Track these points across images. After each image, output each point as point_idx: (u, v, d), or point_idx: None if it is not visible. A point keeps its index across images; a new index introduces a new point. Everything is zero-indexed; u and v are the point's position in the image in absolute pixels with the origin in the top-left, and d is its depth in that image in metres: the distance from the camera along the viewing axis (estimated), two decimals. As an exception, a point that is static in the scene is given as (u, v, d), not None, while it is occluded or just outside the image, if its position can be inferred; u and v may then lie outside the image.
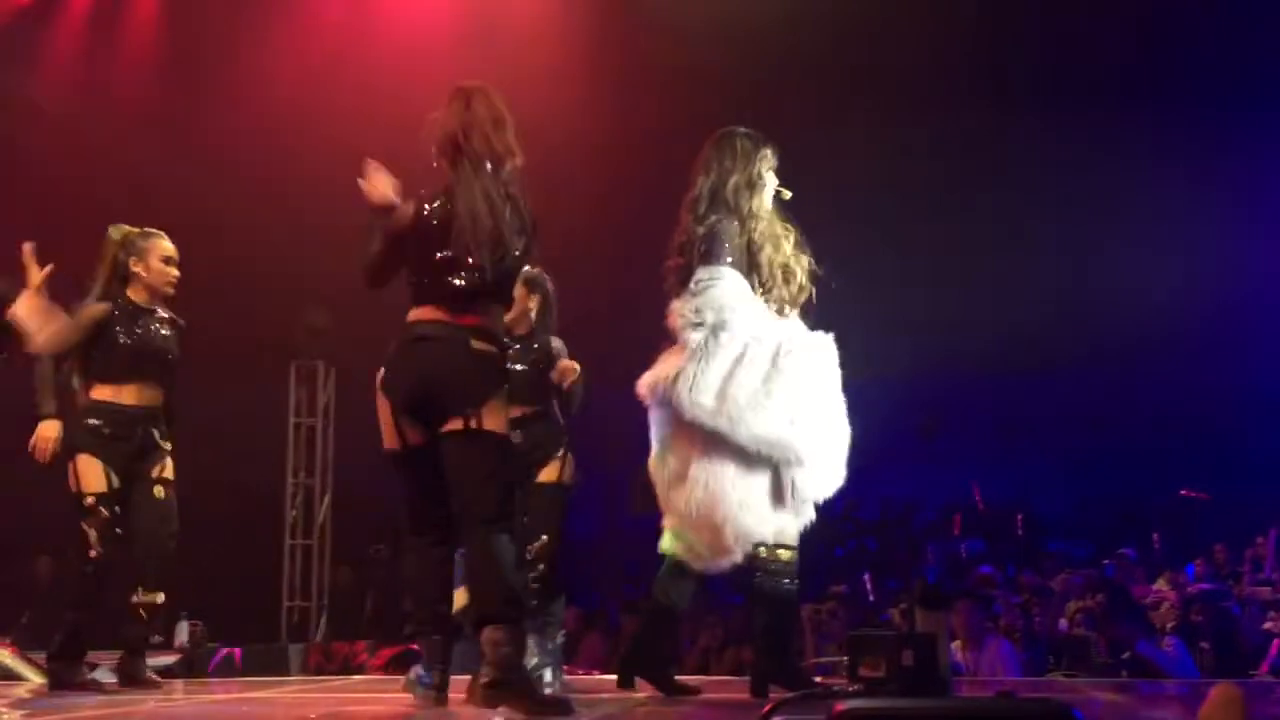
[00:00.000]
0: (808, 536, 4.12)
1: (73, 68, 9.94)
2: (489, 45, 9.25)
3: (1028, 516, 10.55)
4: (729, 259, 3.91)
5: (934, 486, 12.33)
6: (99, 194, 8.40)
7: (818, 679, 5.19)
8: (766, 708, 2.61)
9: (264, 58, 9.46)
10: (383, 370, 3.67)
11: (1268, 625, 6.79)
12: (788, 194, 4.05)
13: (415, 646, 4.04)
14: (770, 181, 4.05)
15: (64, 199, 8.62)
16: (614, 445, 5.35)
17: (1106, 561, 8.72)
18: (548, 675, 4.58)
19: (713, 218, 3.95)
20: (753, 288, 3.96)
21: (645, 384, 3.99)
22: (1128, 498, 10.49)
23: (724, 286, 3.90)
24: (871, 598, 9.18)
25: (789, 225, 4.05)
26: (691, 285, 3.92)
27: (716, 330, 3.86)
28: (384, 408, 3.64)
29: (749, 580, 4.06)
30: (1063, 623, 7.08)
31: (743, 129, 4.08)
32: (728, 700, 4.20)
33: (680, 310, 3.92)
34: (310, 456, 9.79)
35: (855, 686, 2.97)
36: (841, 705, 2.16)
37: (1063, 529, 10.72)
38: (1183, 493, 9.42)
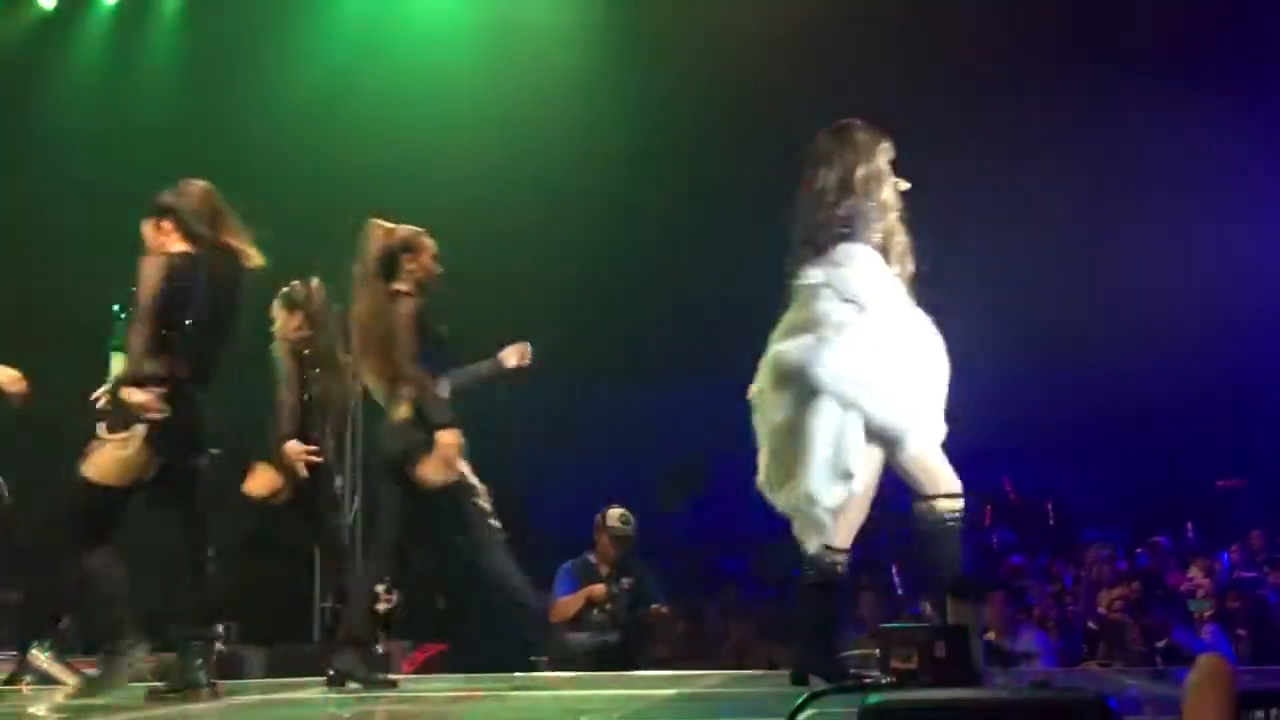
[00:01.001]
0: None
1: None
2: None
3: (1058, 506, 10.49)
4: (872, 241, 3.94)
5: (965, 477, 12.27)
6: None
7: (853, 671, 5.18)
8: (801, 700, 2.60)
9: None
10: None
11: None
12: (905, 185, 4.08)
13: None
14: (889, 173, 4.06)
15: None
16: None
17: (1139, 550, 8.66)
18: None
19: (850, 200, 3.96)
20: None
21: (777, 363, 3.91)
22: (1161, 487, 10.40)
23: (875, 266, 3.92)
24: (900, 590, 9.15)
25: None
26: (837, 257, 3.91)
27: (865, 308, 3.86)
28: None
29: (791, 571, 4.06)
30: (1099, 610, 7.04)
31: (859, 121, 4.10)
32: (767, 693, 4.19)
33: (827, 279, 3.89)
34: (340, 459, 9.77)
35: (888, 679, 2.95)
36: (874, 697, 2.15)
37: (1095, 519, 10.65)
38: (1219, 484, 9.33)
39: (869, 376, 3.78)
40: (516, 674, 5.00)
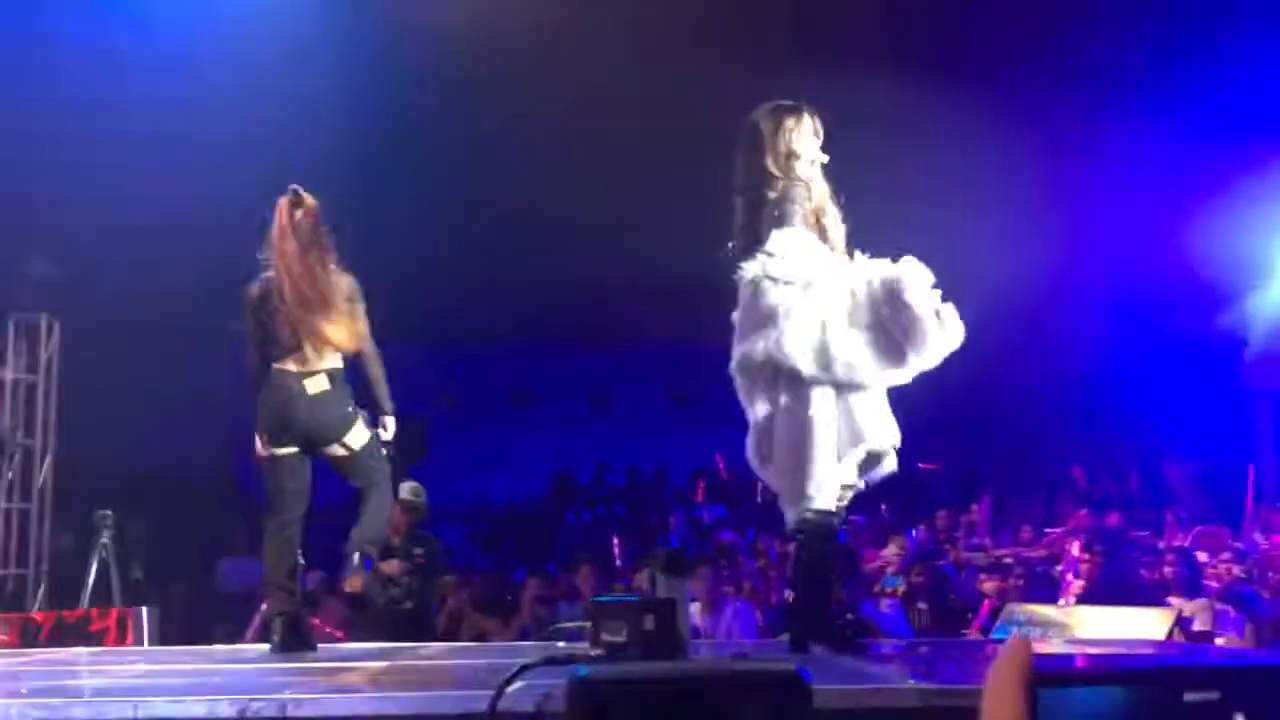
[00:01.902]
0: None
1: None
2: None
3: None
4: (805, 221, 4.01)
5: (681, 454, 12.69)
6: None
7: (561, 645, 5.28)
8: (511, 673, 2.63)
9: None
10: None
11: (984, 587, 7.31)
12: (825, 158, 4.14)
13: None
14: (809, 146, 4.11)
15: None
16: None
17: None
18: None
19: (771, 189, 4.02)
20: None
21: (740, 360, 4.01)
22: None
23: (807, 245, 3.97)
24: (619, 562, 9.38)
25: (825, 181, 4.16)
26: (770, 247, 3.96)
27: (807, 288, 3.91)
28: None
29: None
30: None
31: (771, 104, 4.14)
32: (479, 665, 4.20)
33: (765, 270, 3.94)
34: (30, 415, 9.16)
35: (597, 651, 3.02)
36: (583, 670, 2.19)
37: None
38: (919, 465, 9.98)
39: (835, 348, 3.90)
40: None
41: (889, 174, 4.19)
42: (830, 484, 4.01)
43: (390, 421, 4.84)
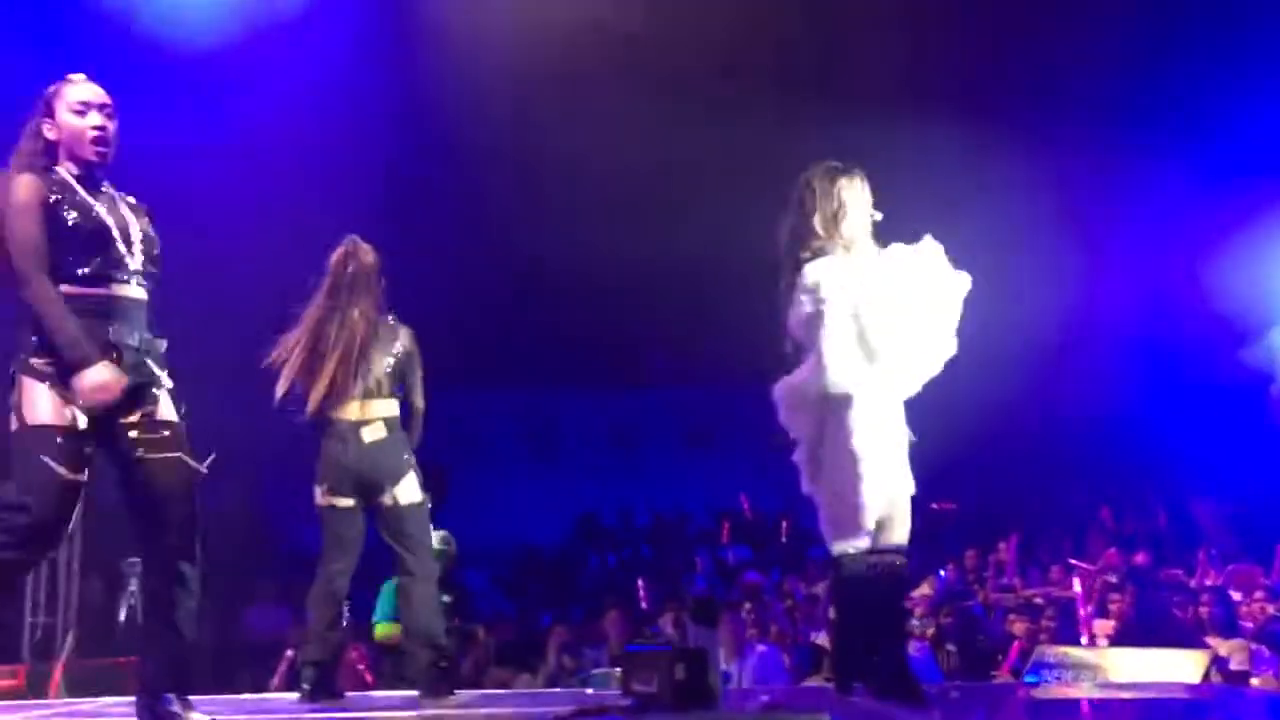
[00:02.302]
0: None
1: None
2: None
3: (793, 524, 10.93)
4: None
5: (705, 495, 12.65)
6: None
7: (589, 691, 5.25)
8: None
9: None
10: None
11: (1014, 628, 7.23)
12: (879, 216, 4.18)
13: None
14: (856, 206, 4.16)
15: None
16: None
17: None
18: None
19: (813, 243, 4.09)
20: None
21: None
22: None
23: (825, 268, 4.05)
24: (645, 605, 9.33)
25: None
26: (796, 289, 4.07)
27: (824, 300, 4.00)
28: None
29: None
30: (823, 632, 7.35)
31: (826, 163, 4.20)
32: (509, 714, 4.18)
33: (793, 316, 4.08)
34: (59, 461, 9.20)
35: (628, 701, 3.01)
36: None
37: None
38: (933, 506, 9.91)
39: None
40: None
41: (910, 216, 4.18)
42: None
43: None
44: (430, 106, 9.72)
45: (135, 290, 3.47)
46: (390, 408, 4.70)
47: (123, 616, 8.88)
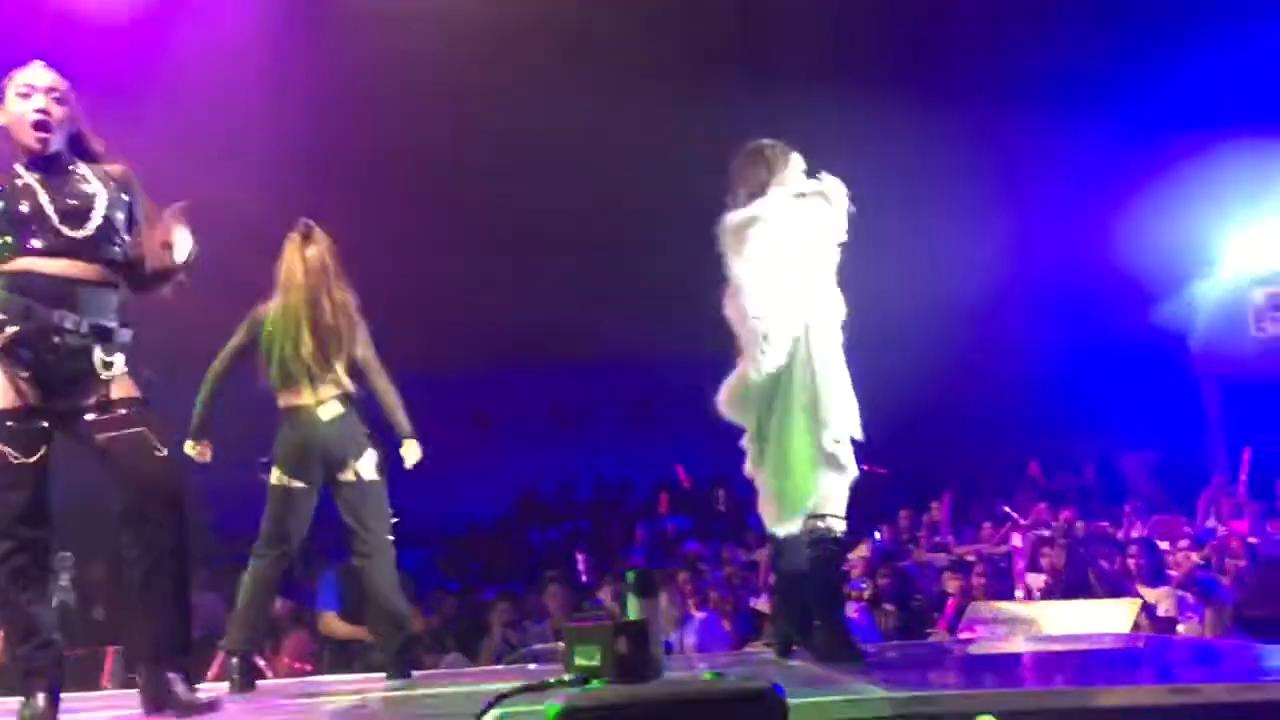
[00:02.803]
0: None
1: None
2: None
3: (729, 493, 11.01)
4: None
5: (644, 467, 12.69)
6: None
7: (531, 666, 5.28)
8: (489, 703, 2.63)
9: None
10: None
11: (949, 586, 7.37)
12: (809, 187, 4.21)
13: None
14: (803, 184, 4.21)
15: None
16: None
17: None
18: None
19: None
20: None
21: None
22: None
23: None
24: (584, 578, 9.36)
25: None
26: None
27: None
28: None
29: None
30: (763, 597, 7.45)
31: (768, 141, 4.25)
32: (457, 693, 4.19)
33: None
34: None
35: (571, 676, 3.02)
36: (561, 699, 2.21)
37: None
38: (864, 468, 10.02)
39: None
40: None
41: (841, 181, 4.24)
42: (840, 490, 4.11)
43: (413, 445, 4.84)
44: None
45: (81, 269, 3.33)
46: (345, 385, 4.65)
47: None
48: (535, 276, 10.99)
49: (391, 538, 4.74)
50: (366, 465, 4.64)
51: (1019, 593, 7.39)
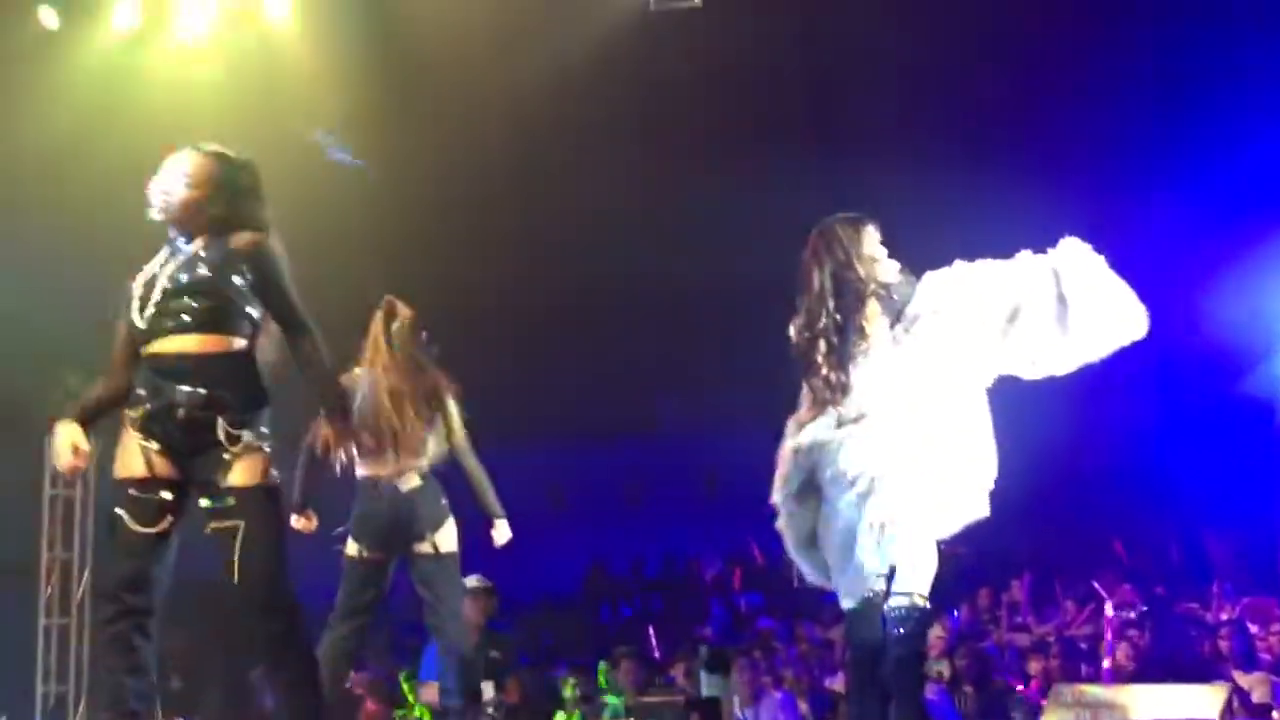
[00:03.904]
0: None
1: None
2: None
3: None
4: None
5: (715, 542, 12.60)
6: None
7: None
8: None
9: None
10: None
11: (1030, 668, 7.18)
12: (898, 265, 4.23)
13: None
14: (883, 255, 4.21)
15: None
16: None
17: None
18: None
19: (848, 299, 4.12)
20: None
21: None
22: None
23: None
24: (656, 654, 9.28)
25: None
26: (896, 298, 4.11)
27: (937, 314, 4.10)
28: None
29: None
30: (839, 675, 7.32)
31: (841, 215, 4.24)
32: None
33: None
34: (68, 529, 9.21)
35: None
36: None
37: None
38: (942, 546, 9.84)
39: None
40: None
41: (908, 257, 4.24)
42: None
43: (504, 525, 4.88)
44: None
45: (199, 343, 3.45)
46: (426, 459, 4.71)
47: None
48: (609, 349, 11.05)
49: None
50: (445, 538, 4.67)
51: (1107, 663, 7.19)
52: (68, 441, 3.47)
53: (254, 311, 3.52)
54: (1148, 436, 10.85)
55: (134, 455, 3.44)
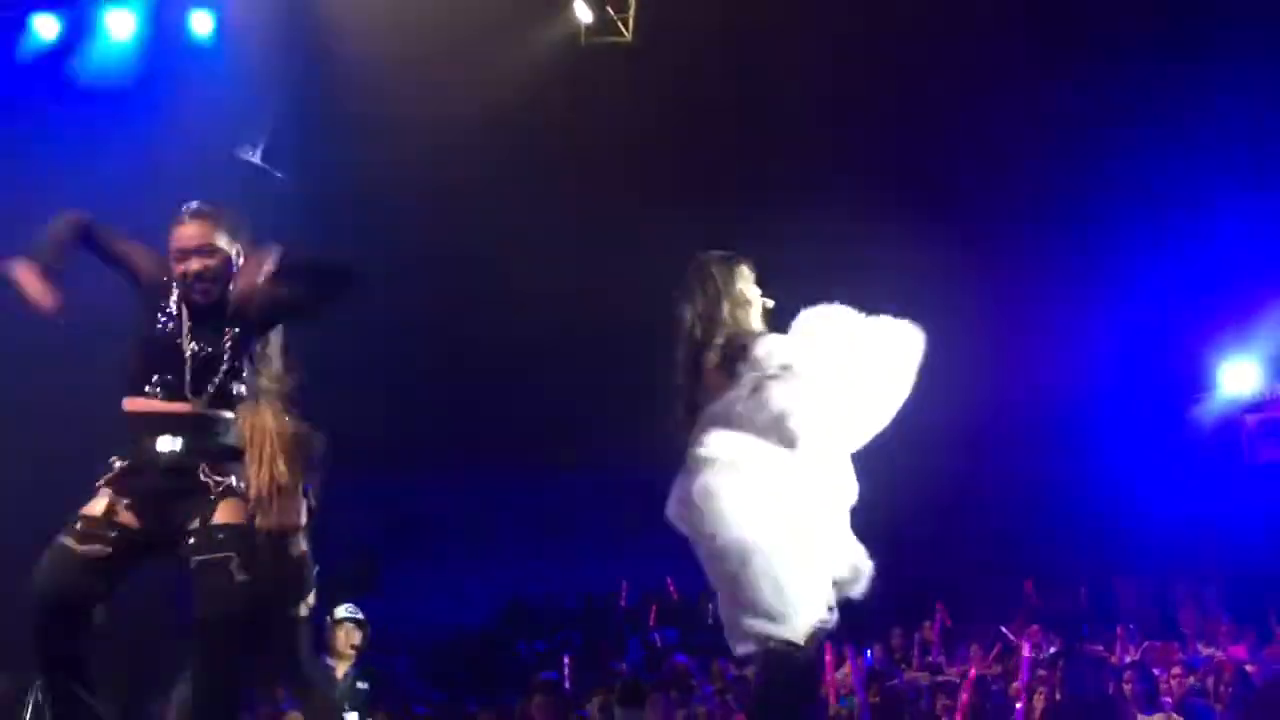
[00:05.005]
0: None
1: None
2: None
3: (718, 605, 10.84)
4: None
5: (632, 578, 12.58)
6: None
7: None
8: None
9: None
10: None
11: (939, 707, 7.25)
12: (771, 303, 4.19)
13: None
14: (755, 295, 4.17)
15: None
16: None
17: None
18: None
19: (719, 338, 4.06)
20: None
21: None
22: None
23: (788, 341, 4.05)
24: (568, 686, 9.21)
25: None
26: (757, 355, 3.99)
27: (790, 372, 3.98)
28: None
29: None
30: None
31: (717, 253, 4.20)
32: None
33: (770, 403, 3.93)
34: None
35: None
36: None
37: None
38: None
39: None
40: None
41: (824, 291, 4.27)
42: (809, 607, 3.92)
43: None
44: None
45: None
46: None
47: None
48: (523, 386, 11.03)
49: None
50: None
51: (1020, 707, 7.27)
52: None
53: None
54: (1062, 480, 11.08)
55: (101, 499, 3.61)
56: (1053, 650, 8.47)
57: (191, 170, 8.60)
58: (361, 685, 6.44)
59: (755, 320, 4.17)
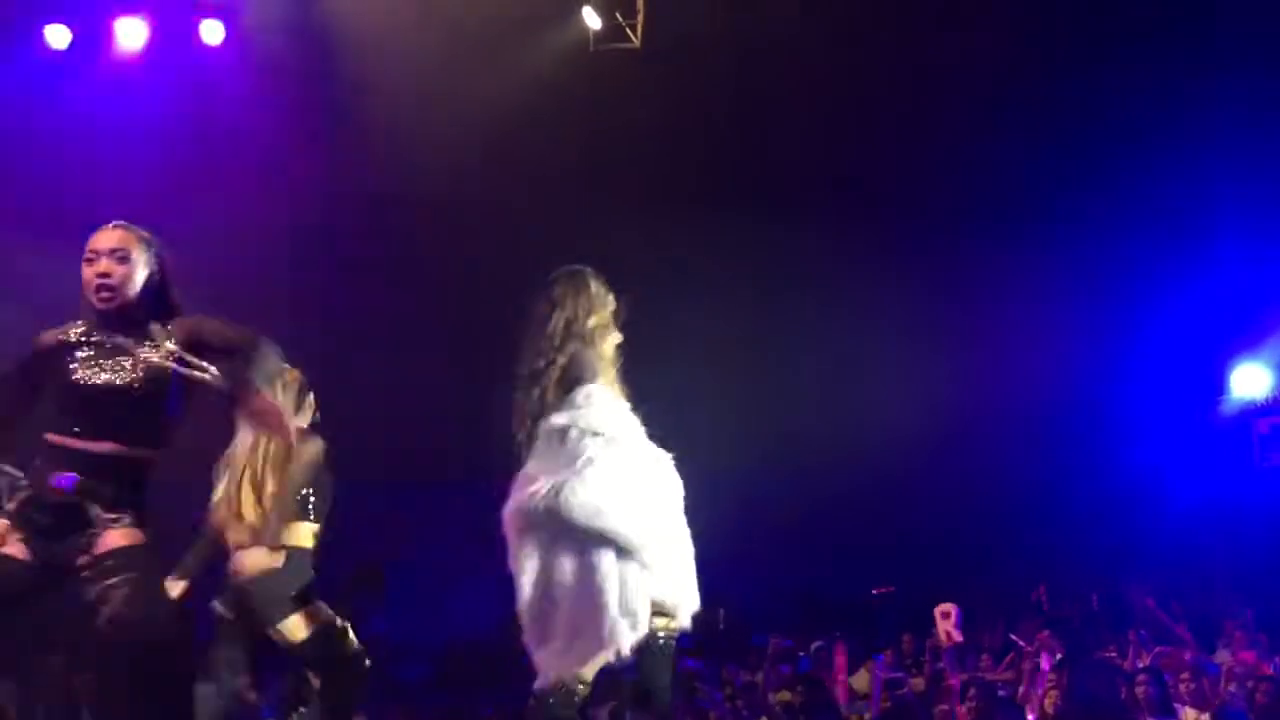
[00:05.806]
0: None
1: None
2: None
3: (729, 611, 10.84)
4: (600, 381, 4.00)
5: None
6: None
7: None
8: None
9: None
10: None
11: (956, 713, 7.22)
12: (619, 338, 4.17)
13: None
14: (612, 325, 4.16)
15: None
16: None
17: (802, 655, 9.07)
18: None
19: (572, 347, 4.01)
20: None
21: (518, 509, 3.92)
22: (817, 590, 10.97)
23: (614, 403, 3.98)
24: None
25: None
26: (578, 399, 3.92)
27: (611, 442, 3.87)
28: None
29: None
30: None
31: (591, 270, 4.19)
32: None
33: (572, 420, 3.89)
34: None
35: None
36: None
37: (764, 623, 11.07)
38: (874, 591, 9.91)
39: (624, 505, 3.82)
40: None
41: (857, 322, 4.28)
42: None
43: None
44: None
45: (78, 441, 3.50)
46: None
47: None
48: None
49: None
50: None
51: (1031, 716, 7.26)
52: None
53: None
54: (1071, 485, 11.06)
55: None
56: (1059, 657, 8.44)
57: (203, 177, 8.65)
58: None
59: (609, 350, 4.12)
